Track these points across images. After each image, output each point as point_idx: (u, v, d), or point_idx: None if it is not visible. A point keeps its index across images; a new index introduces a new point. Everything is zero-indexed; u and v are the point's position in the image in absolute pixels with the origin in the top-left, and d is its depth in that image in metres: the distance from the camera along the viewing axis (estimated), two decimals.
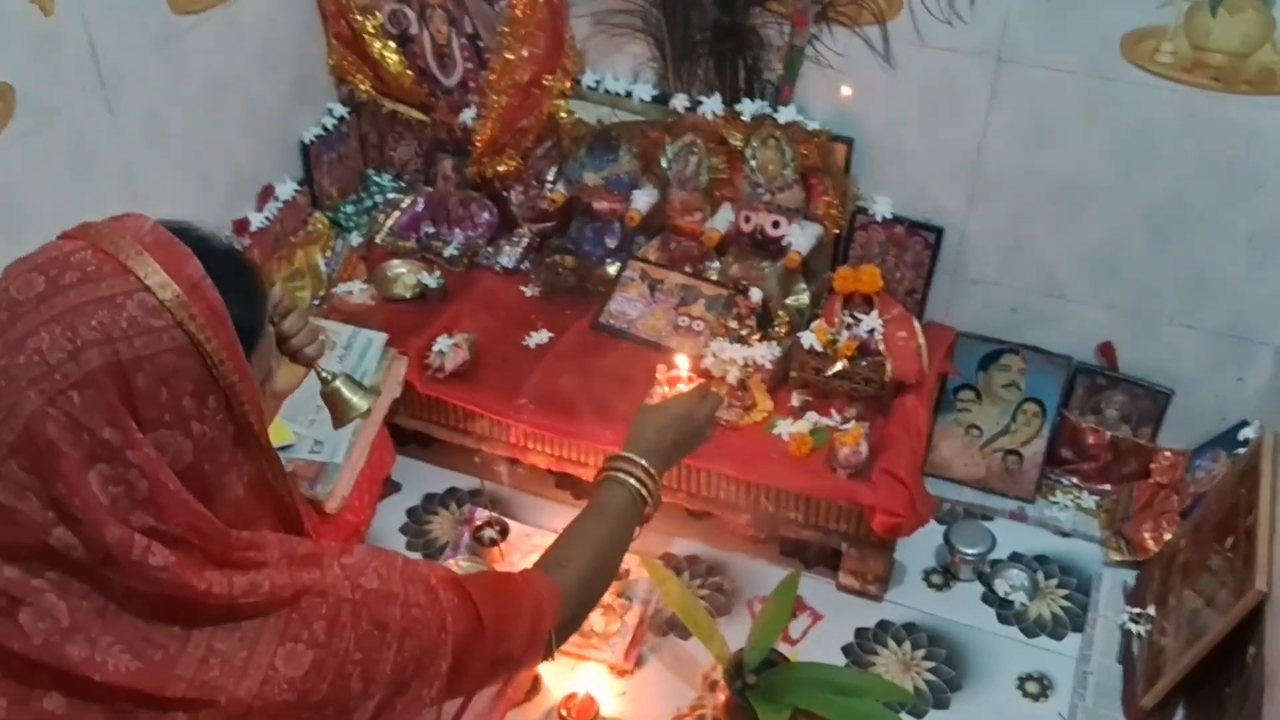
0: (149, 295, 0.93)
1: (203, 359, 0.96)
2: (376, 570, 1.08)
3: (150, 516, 0.94)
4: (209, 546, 0.98)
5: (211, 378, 0.97)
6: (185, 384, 0.96)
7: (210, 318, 0.96)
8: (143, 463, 0.93)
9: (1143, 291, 2.18)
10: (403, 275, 2.45)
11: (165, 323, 0.94)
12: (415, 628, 1.09)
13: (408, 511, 2.35)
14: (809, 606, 2.17)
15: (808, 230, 2.25)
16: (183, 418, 0.96)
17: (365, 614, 1.05)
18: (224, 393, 0.99)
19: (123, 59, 1.94)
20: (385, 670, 1.06)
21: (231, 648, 0.98)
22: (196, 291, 0.96)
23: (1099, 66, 1.97)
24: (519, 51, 2.28)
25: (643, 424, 1.57)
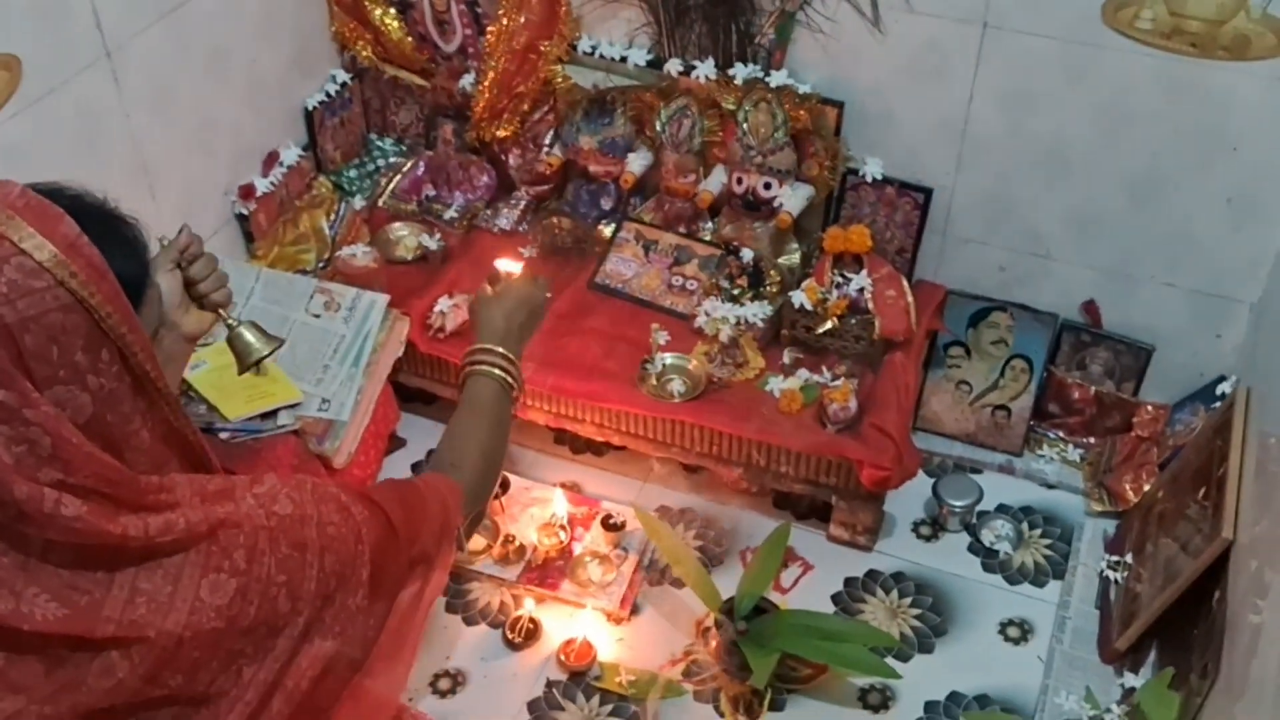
0: (25, 258, 0.95)
1: (89, 314, 0.98)
2: (289, 495, 1.12)
3: (57, 471, 0.96)
4: (119, 494, 1.00)
5: (101, 331, 0.99)
6: (75, 340, 0.98)
7: (91, 273, 0.98)
8: (42, 420, 0.95)
9: (1125, 251, 2.23)
10: (404, 238, 2.51)
11: (46, 283, 0.95)
12: (332, 544, 1.13)
13: (412, 466, 2.43)
14: (800, 557, 2.25)
15: (799, 191, 2.30)
16: (77, 373, 0.99)
17: (283, 538, 1.09)
18: (115, 345, 1.01)
19: (126, 29, 1.99)
20: (310, 587, 1.11)
21: (156, 585, 1.02)
22: (74, 249, 0.97)
23: (1080, 33, 2.01)
24: (516, 17, 2.33)
25: (489, 315, 1.61)
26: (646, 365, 2.22)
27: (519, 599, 2.16)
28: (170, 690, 1.04)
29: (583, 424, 2.30)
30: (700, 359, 2.23)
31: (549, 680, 2.05)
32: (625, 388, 2.20)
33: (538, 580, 2.18)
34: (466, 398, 1.54)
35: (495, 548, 2.22)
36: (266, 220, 2.41)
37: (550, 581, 2.18)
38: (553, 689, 2.04)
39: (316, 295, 2.29)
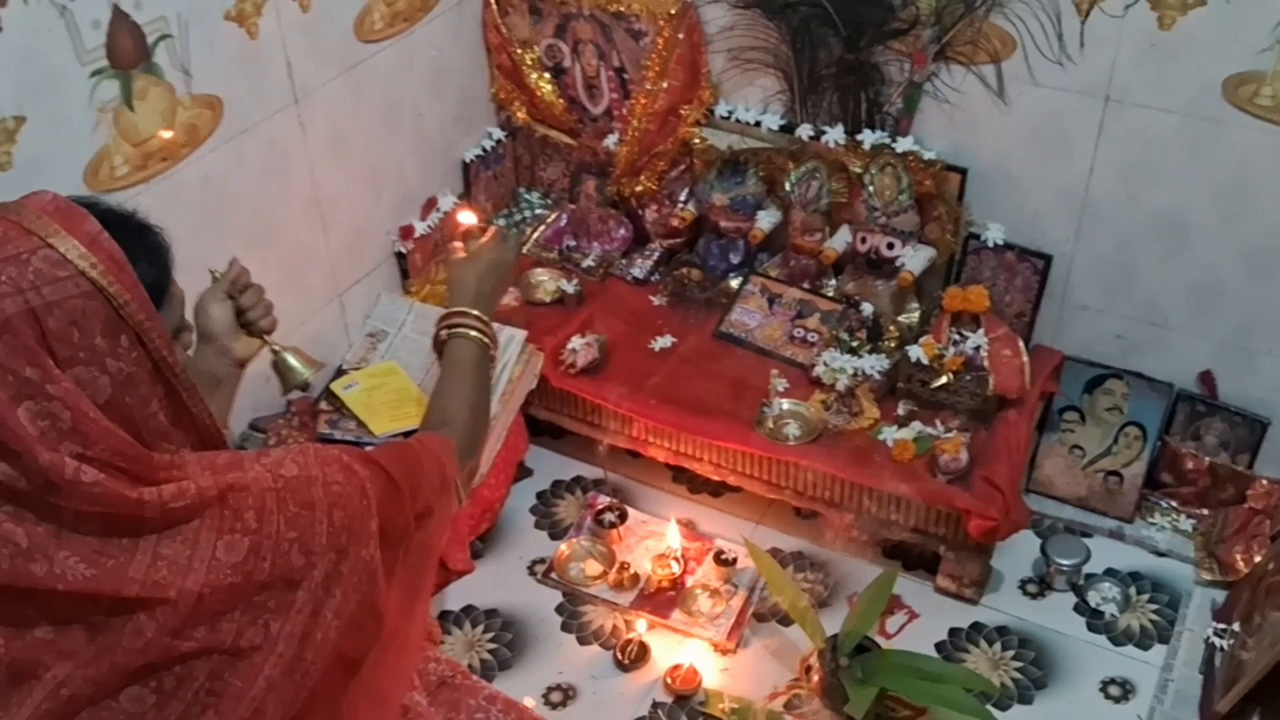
0: (50, 250, 1.06)
1: (108, 301, 1.07)
2: (293, 460, 1.19)
3: (77, 444, 1.05)
4: (133, 468, 1.08)
5: (120, 318, 1.08)
6: (95, 324, 1.07)
7: (111, 265, 1.08)
8: (63, 395, 1.04)
9: (1242, 324, 2.26)
10: (544, 282, 2.69)
11: (69, 272, 1.06)
12: (339, 500, 1.20)
13: (537, 494, 2.58)
14: (906, 605, 2.31)
15: (921, 253, 2.41)
16: (97, 355, 1.07)
17: (290, 498, 1.16)
18: (134, 331, 1.09)
19: (314, 80, 2.23)
20: (321, 540, 1.17)
21: (175, 550, 1.10)
22: (95, 244, 1.08)
23: (1201, 108, 2.08)
24: (659, 83, 2.51)
25: (463, 279, 1.71)
26: (764, 409, 2.33)
27: (630, 624, 2.27)
28: (198, 643, 1.11)
29: (701, 463, 2.41)
30: (817, 406, 2.33)
31: (655, 702, 2.15)
32: (743, 428, 2.31)
33: (649, 608, 2.29)
34: (448, 361, 1.65)
35: (611, 574, 2.35)
36: (422, 260, 2.61)
37: (661, 610, 2.28)
38: (658, 710, 2.14)
39: None
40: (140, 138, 1.93)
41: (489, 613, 2.32)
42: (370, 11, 2.32)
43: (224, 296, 1.56)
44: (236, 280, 1.57)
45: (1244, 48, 1.99)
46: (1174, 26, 2.03)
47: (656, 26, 2.46)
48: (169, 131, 1.96)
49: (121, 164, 1.91)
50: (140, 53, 1.89)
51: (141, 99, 1.91)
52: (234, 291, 1.56)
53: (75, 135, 1.83)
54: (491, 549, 2.45)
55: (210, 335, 1.55)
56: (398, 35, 2.41)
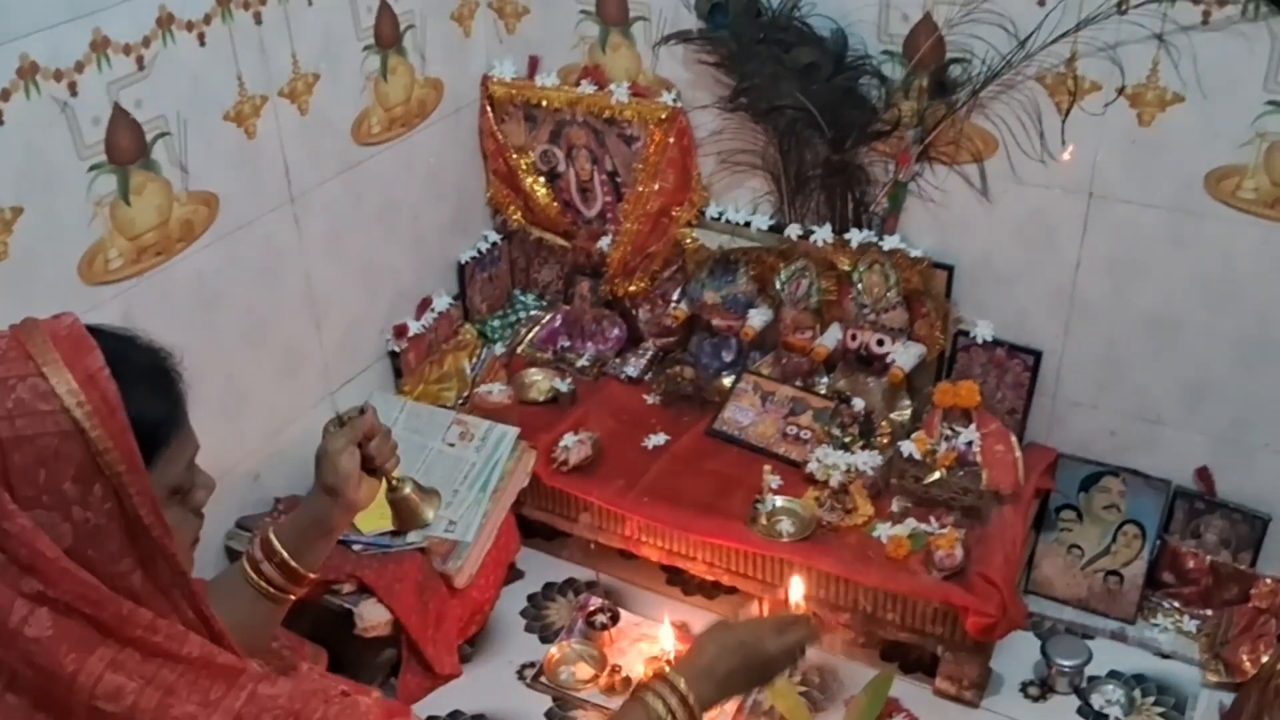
0: (41, 380, 0.97)
1: (86, 445, 0.97)
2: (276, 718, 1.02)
3: (38, 582, 0.96)
4: (101, 615, 0.97)
5: (95, 465, 0.98)
6: (66, 468, 0.97)
7: (101, 406, 0.98)
8: (19, 532, 0.95)
9: (1236, 418, 2.25)
10: (538, 382, 2.69)
11: (52, 407, 0.96)
12: None
13: (528, 597, 2.53)
14: (904, 709, 2.24)
15: (911, 349, 2.41)
16: (63, 501, 0.97)
17: None
18: (110, 482, 0.98)
19: (311, 179, 2.28)
20: None
21: None
22: (91, 382, 0.98)
23: (1184, 202, 2.11)
24: (651, 185, 2.55)
25: (704, 643, 1.42)
26: (758, 505, 2.31)
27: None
28: None
29: (694, 562, 2.38)
30: (810, 503, 2.31)
31: None
32: (736, 525, 2.28)
33: None
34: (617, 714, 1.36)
35: (602, 678, 2.29)
36: (415, 359, 2.63)
37: None
38: None
39: (453, 426, 2.47)
40: (136, 232, 1.96)
41: (475, 717, 2.26)
42: (368, 116, 2.38)
43: (353, 447, 1.42)
44: (368, 431, 1.43)
45: (1224, 142, 2.03)
46: (1153, 123, 2.07)
47: (648, 131, 2.51)
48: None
49: (116, 257, 1.94)
50: (139, 149, 1.94)
51: (138, 194, 1.95)
52: (362, 441, 1.42)
53: (72, 228, 1.87)
54: (480, 652, 2.39)
55: (337, 490, 1.41)
56: (395, 139, 2.47)
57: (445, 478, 2.38)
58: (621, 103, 2.51)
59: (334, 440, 1.42)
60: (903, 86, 2.24)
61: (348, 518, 1.46)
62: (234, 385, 2.21)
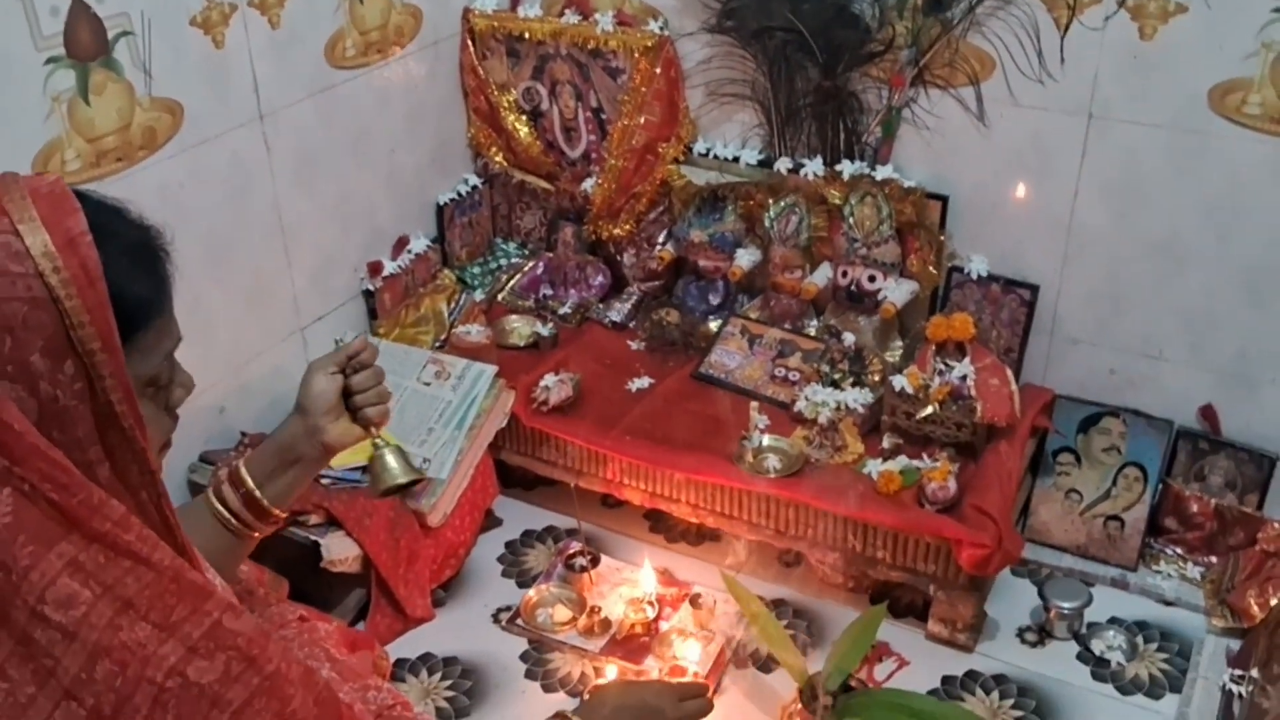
0: (14, 239, 0.88)
1: (60, 317, 0.88)
2: (229, 661, 0.93)
3: (3, 458, 0.87)
4: (69, 502, 0.88)
5: (68, 340, 0.89)
6: (34, 339, 0.88)
7: (79, 274, 0.89)
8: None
9: (1242, 352, 2.17)
10: (518, 327, 2.60)
11: (24, 269, 0.88)
12: None
13: (506, 544, 2.43)
14: (895, 653, 2.14)
15: (903, 285, 2.33)
16: (28, 374, 0.89)
17: (174, 707, 0.91)
18: (82, 361, 0.90)
19: (281, 98, 2.19)
20: None
21: (22, 678, 0.88)
22: (70, 246, 0.89)
23: (1187, 120, 2.03)
24: (636, 118, 2.47)
25: (606, 697, 1.50)
26: (744, 442, 2.21)
27: (600, 670, 2.11)
28: None
29: (678, 504, 2.28)
30: (799, 441, 2.22)
31: None
32: (722, 463, 2.19)
33: (621, 654, 2.12)
34: None
35: (580, 620, 2.19)
36: (391, 301, 2.53)
37: (634, 656, 2.12)
38: None
39: (429, 365, 2.38)
40: (95, 133, 1.88)
41: (447, 660, 2.15)
42: (343, 37, 2.30)
43: (334, 370, 1.37)
44: (355, 356, 1.37)
45: (1229, 54, 1.95)
46: (1155, 36, 2.00)
47: (633, 61, 2.43)
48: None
49: (74, 158, 1.86)
50: (99, 46, 1.86)
51: (98, 94, 1.87)
52: (348, 369, 1.37)
53: (26, 123, 1.79)
54: (454, 597, 2.29)
55: (306, 410, 1.36)
56: (370, 66, 2.39)
57: (420, 416, 2.29)
58: (607, 32, 2.44)
59: (317, 361, 1.38)
60: (897, 4, 2.17)
61: (318, 451, 1.39)
62: (198, 309, 2.11)
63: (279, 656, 0.98)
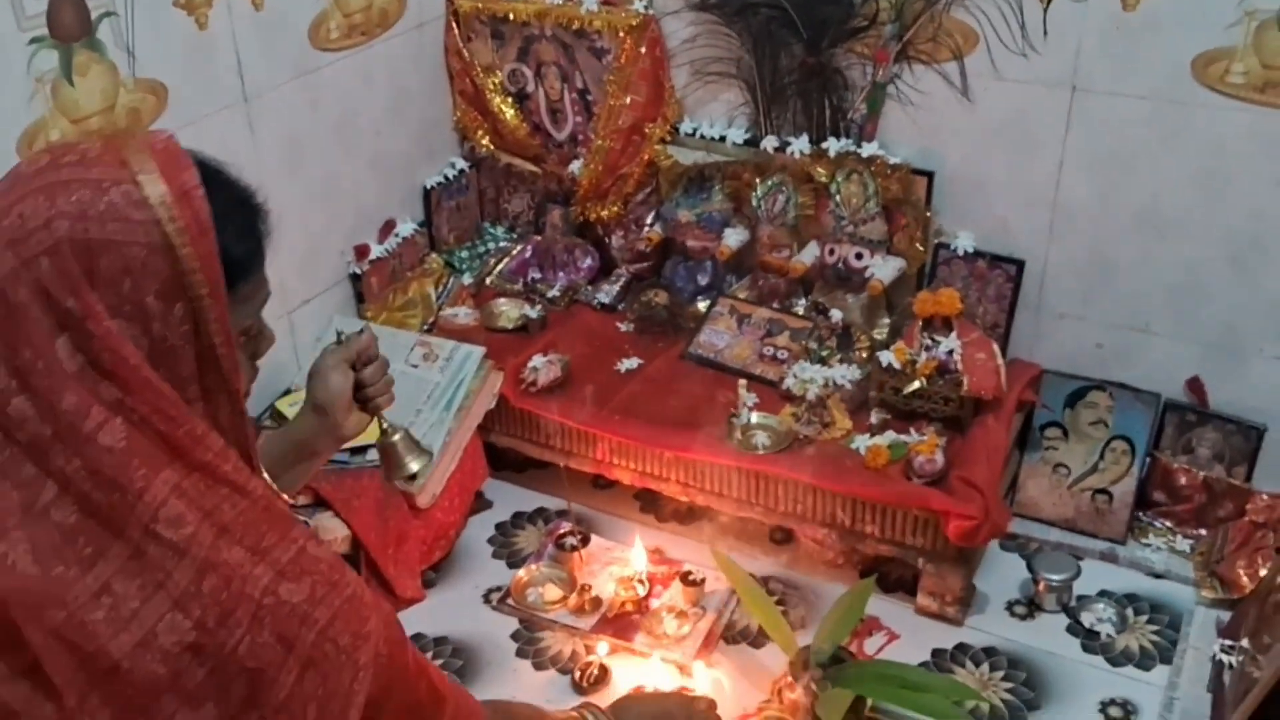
0: (134, 188, 0.94)
1: (175, 263, 0.94)
2: (314, 584, 1.00)
3: (117, 389, 0.93)
4: (175, 433, 0.95)
5: (181, 285, 0.95)
6: (150, 282, 0.94)
7: (192, 225, 0.95)
8: (105, 335, 0.93)
9: (1228, 323, 2.17)
10: (506, 310, 2.59)
11: (144, 217, 0.94)
12: (325, 664, 0.99)
13: (496, 525, 2.43)
14: (885, 627, 2.15)
15: (890, 262, 2.33)
16: (143, 313, 0.95)
17: (270, 622, 0.97)
18: (191, 304, 0.96)
19: (265, 81, 2.19)
20: (278, 696, 0.97)
21: (127, 592, 0.93)
22: (185, 198, 0.95)
23: (1171, 91, 2.03)
24: (622, 98, 2.47)
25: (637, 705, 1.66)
26: (733, 419, 2.22)
27: (591, 647, 2.11)
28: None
29: (668, 483, 2.28)
30: (787, 418, 2.22)
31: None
32: (711, 440, 2.19)
33: (612, 631, 2.13)
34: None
35: (571, 599, 2.19)
36: (378, 285, 2.53)
37: (625, 634, 2.12)
38: None
39: (417, 348, 2.38)
40: (79, 114, 1.88)
41: (438, 640, 2.15)
42: (326, 19, 2.30)
43: (346, 366, 1.40)
44: (363, 352, 1.41)
45: (1211, 23, 1.96)
46: (1138, 7, 2.00)
47: (618, 41, 2.43)
48: None
49: (58, 139, 1.85)
50: (83, 26, 1.86)
51: (82, 75, 1.87)
52: (357, 363, 1.40)
53: (10, 103, 1.78)
54: (444, 578, 2.29)
55: (322, 406, 1.39)
56: (355, 48, 2.39)
57: (408, 398, 2.28)
58: (591, 11, 2.43)
59: (328, 355, 1.40)
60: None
61: (332, 444, 1.43)
62: None
63: (355, 582, 1.04)
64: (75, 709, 0.93)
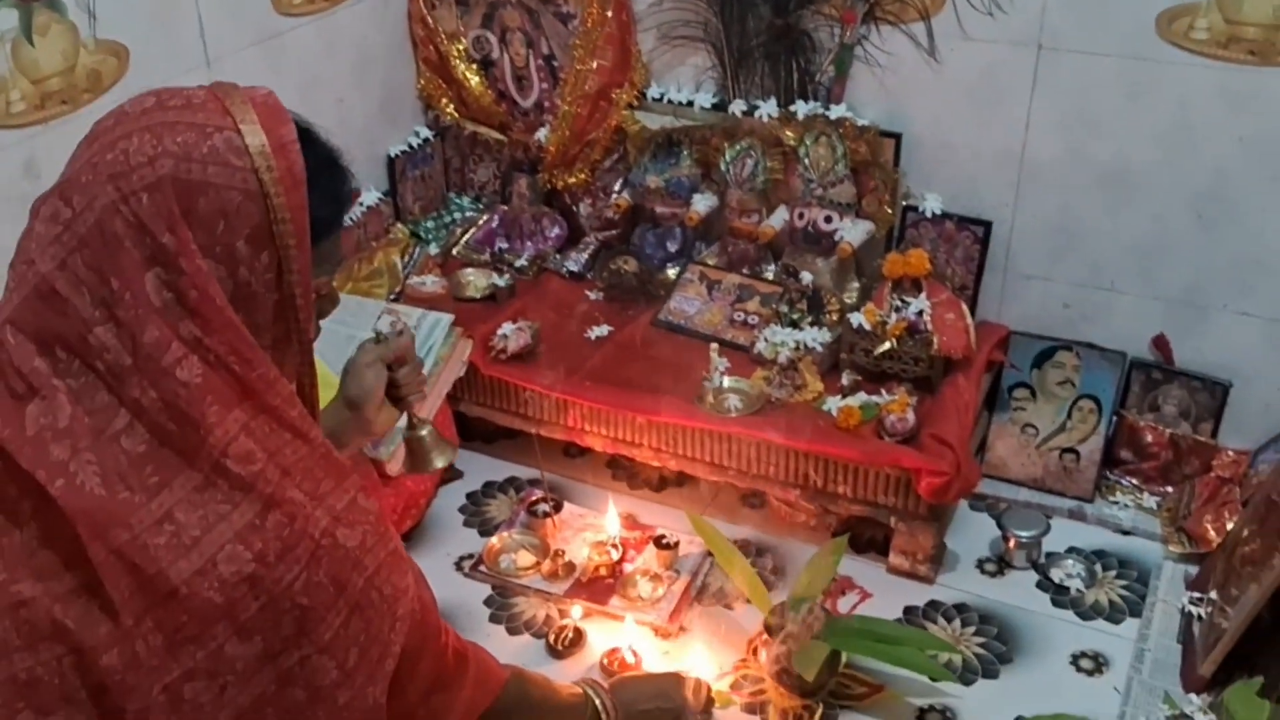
0: (236, 136, 0.98)
1: (267, 211, 0.98)
2: (364, 529, 1.04)
3: (197, 328, 0.96)
4: (249, 375, 0.98)
5: (270, 233, 0.99)
6: (243, 227, 0.98)
7: (287, 177, 0.99)
8: (194, 273, 0.96)
9: (1193, 280, 2.19)
10: (473, 280, 2.57)
11: (243, 164, 0.97)
12: (369, 609, 1.04)
13: (467, 495, 2.42)
14: (858, 586, 2.16)
15: (859, 225, 2.34)
16: (232, 257, 0.99)
17: (326, 563, 1.01)
18: (278, 253, 1.00)
19: (227, 44, 2.15)
20: (325, 636, 1.02)
21: (190, 520, 0.97)
22: (282, 151, 0.99)
23: (1136, 48, 2.05)
24: (589, 63, 2.45)
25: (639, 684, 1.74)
26: (705, 383, 2.21)
27: (565, 611, 2.10)
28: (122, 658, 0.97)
29: (640, 448, 2.27)
30: (759, 381, 2.22)
31: None
32: (683, 404, 2.19)
33: (586, 596, 2.12)
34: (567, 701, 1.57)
35: (544, 564, 2.18)
36: (344, 253, 2.50)
37: (599, 597, 2.11)
38: None
39: (384, 316, 2.35)
40: (39, 74, 1.85)
41: None
42: None
43: (382, 365, 1.41)
44: (402, 352, 1.43)
45: None
46: None
47: (584, 5, 2.41)
48: None
49: (18, 100, 1.82)
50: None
51: (42, 34, 1.84)
52: (394, 363, 1.43)
53: None
54: (415, 547, 2.27)
55: (357, 404, 1.41)
56: (317, 14, 2.36)
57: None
58: None
59: (365, 353, 1.43)
60: None
61: (361, 439, 1.46)
62: None
63: (396, 538, 1.09)
64: (131, 629, 0.96)
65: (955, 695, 1.92)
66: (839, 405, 2.14)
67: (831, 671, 1.88)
